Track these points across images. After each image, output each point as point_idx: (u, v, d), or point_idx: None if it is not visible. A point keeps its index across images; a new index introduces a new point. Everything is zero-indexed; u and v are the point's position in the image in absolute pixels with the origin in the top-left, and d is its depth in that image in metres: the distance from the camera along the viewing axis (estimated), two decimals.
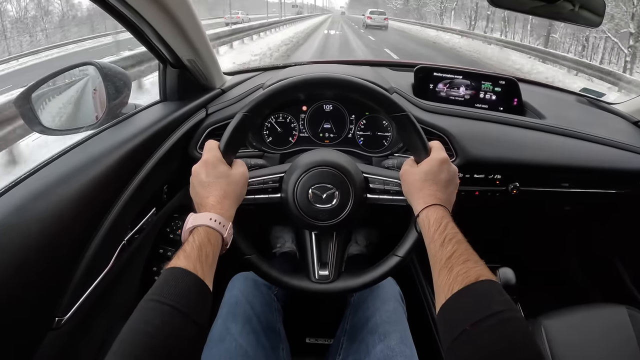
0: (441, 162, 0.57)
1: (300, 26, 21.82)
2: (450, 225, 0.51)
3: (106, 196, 0.61)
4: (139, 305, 0.41)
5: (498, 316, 0.38)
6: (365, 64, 1.14)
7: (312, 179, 0.63)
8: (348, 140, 0.90)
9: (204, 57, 0.82)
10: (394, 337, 0.66)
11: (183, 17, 0.69)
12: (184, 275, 0.43)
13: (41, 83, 0.73)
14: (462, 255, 0.46)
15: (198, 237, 0.48)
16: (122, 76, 0.78)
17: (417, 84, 1.00)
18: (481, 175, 0.86)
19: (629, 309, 0.77)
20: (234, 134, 0.60)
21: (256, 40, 12.19)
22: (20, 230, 0.47)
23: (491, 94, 1.00)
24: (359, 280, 0.64)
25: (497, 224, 1.23)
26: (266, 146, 0.88)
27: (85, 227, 0.56)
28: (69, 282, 0.53)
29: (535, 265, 1.33)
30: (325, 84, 0.63)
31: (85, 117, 0.83)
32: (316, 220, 0.63)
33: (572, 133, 0.90)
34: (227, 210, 0.54)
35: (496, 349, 0.36)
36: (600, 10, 0.79)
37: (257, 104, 0.60)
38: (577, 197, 0.92)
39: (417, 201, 0.56)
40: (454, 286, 0.43)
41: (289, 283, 0.65)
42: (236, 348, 0.64)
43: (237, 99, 0.89)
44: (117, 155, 0.63)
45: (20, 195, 0.51)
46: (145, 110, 0.80)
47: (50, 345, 0.52)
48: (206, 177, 0.55)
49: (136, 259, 0.76)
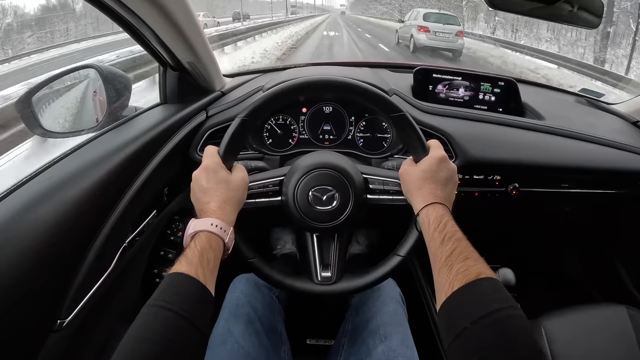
0: (440, 160, 0.58)
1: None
2: (450, 223, 0.51)
3: (108, 198, 0.61)
4: (142, 311, 0.41)
5: (498, 313, 0.38)
6: (364, 66, 1.14)
7: (312, 181, 0.63)
8: (348, 142, 0.90)
9: (203, 59, 0.82)
10: (395, 338, 0.66)
11: (183, 20, 0.69)
12: (186, 280, 0.44)
13: (42, 86, 0.74)
14: (462, 253, 0.46)
15: (199, 242, 0.48)
16: (122, 79, 0.78)
17: (417, 85, 1.00)
18: (481, 176, 0.86)
19: (629, 309, 0.77)
20: (233, 139, 0.60)
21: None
22: (22, 233, 0.47)
23: (490, 95, 1.00)
24: (362, 281, 0.64)
25: (496, 224, 1.23)
26: (266, 148, 0.89)
27: (87, 230, 0.57)
28: (71, 284, 0.54)
29: (535, 266, 1.33)
30: (323, 86, 0.64)
31: (85, 120, 0.83)
32: (317, 222, 0.64)
33: (572, 134, 0.90)
34: (228, 215, 0.54)
35: (497, 346, 0.37)
36: (599, 12, 0.79)
37: (255, 108, 0.61)
38: (577, 197, 0.93)
39: (417, 200, 0.56)
40: (454, 284, 0.43)
41: (292, 285, 0.65)
42: (238, 350, 0.64)
43: (237, 101, 0.89)
44: (118, 157, 0.63)
45: (22, 198, 0.51)
46: (146, 113, 0.80)
47: (53, 348, 0.52)
48: (207, 182, 0.56)
49: (137, 261, 0.76)
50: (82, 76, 0.85)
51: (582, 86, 3.77)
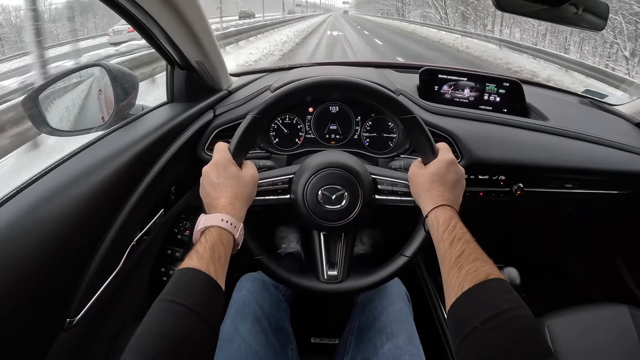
0: (449, 163, 0.58)
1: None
2: (458, 225, 0.52)
3: (116, 197, 0.61)
4: (153, 306, 0.41)
5: (508, 314, 0.39)
6: (370, 66, 1.14)
7: (322, 180, 0.64)
8: (354, 141, 0.90)
9: (212, 58, 0.82)
10: (401, 336, 0.67)
11: (193, 19, 0.69)
12: (197, 275, 0.44)
13: (49, 84, 0.74)
14: (471, 255, 0.46)
15: (210, 237, 0.48)
16: (130, 77, 0.78)
17: (422, 85, 1.00)
18: (485, 176, 0.86)
19: (631, 309, 0.78)
20: (244, 135, 0.60)
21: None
22: (32, 232, 0.47)
23: (495, 95, 1.00)
24: (368, 280, 0.65)
25: (501, 224, 1.24)
26: (273, 147, 0.89)
27: (96, 228, 0.57)
28: (80, 283, 0.54)
29: (538, 266, 1.34)
30: (335, 86, 0.64)
31: (92, 118, 0.83)
32: (325, 221, 0.64)
33: (575, 134, 0.90)
34: (238, 211, 0.54)
35: (506, 346, 0.37)
36: (605, 14, 0.79)
37: (267, 106, 0.61)
38: (580, 198, 0.93)
39: (426, 202, 0.57)
40: (464, 284, 0.43)
41: (299, 283, 0.65)
42: (246, 348, 0.65)
43: (244, 100, 0.89)
44: (126, 156, 0.63)
45: (32, 197, 0.51)
46: (154, 112, 0.80)
47: (62, 346, 0.52)
48: (217, 178, 0.56)
49: (145, 259, 0.77)
50: (88, 74, 0.85)
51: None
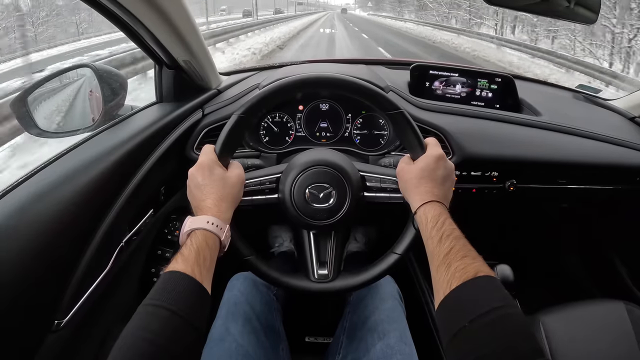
0: (437, 158, 0.57)
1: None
2: (447, 221, 0.51)
3: (104, 198, 0.61)
4: (138, 310, 0.41)
5: (497, 312, 0.38)
6: (360, 63, 1.14)
7: (309, 178, 0.63)
8: (345, 139, 0.90)
9: (199, 57, 0.82)
10: (393, 335, 0.66)
11: (178, 18, 0.68)
12: (182, 279, 0.43)
13: (37, 86, 0.73)
14: (459, 252, 0.46)
15: (196, 240, 0.48)
16: (118, 78, 0.78)
17: (413, 82, 1.00)
18: (478, 172, 0.86)
19: (627, 305, 0.77)
20: (229, 136, 0.60)
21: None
22: (19, 233, 0.47)
23: (487, 91, 1.00)
24: (358, 279, 0.64)
25: (494, 221, 1.24)
26: (263, 146, 0.88)
27: (84, 229, 0.56)
28: (68, 284, 0.53)
29: (533, 262, 1.33)
30: (320, 83, 0.63)
31: (81, 119, 0.83)
32: (314, 220, 0.64)
33: (569, 129, 0.90)
34: (225, 212, 0.54)
35: (495, 345, 0.36)
36: (596, 7, 0.79)
37: (251, 105, 0.60)
38: (574, 193, 0.93)
39: (414, 198, 0.56)
40: (452, 282, 0.43)
41: (289, 283, 0.65)
42: (237, 348, 0.64)
43: (233, 99, 0.89)
44: (114, 157, 0.63)
45: (19, 197, 0.51)
46: (142, 112, 0.80)
47: (50, 348, 0.52)
48: (202, 180, 0.55)
49: (135, 260, 0.76)
50: (78, 75, 0.85)
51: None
